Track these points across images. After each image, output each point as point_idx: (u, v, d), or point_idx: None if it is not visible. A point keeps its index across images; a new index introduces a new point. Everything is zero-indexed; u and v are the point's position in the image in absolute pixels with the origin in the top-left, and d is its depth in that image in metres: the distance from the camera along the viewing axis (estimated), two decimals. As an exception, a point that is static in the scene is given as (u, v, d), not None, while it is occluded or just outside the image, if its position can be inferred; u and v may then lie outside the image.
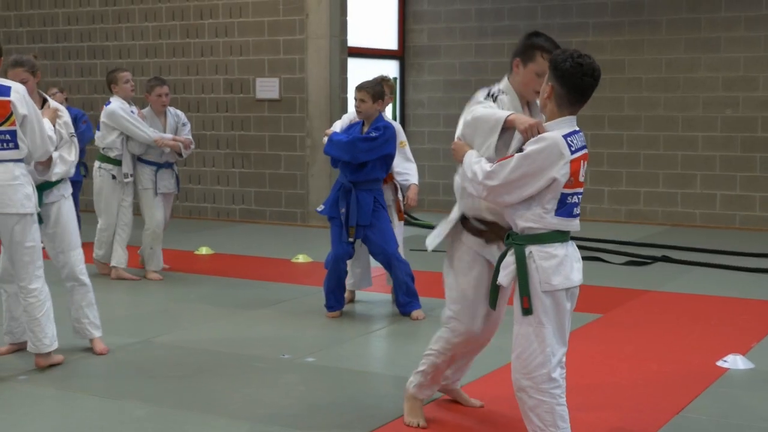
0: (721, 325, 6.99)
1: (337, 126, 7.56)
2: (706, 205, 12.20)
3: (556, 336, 4.07)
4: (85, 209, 10.72)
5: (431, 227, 12.21)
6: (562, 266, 4.04)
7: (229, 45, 12.83)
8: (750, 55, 12.05)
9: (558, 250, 4.04)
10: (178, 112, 8.88)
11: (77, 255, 6.12)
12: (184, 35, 13.11)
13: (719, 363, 5.95)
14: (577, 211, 4.11)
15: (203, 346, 6.50)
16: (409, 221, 12.69)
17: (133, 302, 7.96)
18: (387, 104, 7.37)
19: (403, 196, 7.72)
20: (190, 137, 8.82)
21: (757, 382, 5.68)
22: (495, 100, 4.50)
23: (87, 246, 7.51)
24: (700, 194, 12.18)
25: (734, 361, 5.97)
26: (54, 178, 5.99)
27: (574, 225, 4.10)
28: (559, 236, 4.06)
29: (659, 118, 12.45)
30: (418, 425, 4.83)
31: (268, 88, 12.61)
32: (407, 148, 7.77)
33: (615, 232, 11.45)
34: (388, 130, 7.01)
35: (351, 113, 7.70)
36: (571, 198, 4.05)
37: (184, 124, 8.81)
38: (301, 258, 9.77)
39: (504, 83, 4.61)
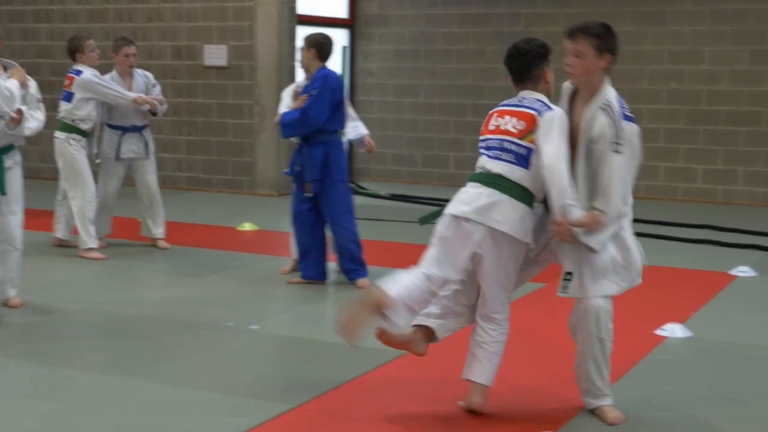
0: (662, 295, 7.11)
1: (284, 100, 7.51)
2: (650, 177, 12.33)
3: (436, 258, 4.48)
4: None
5: (379, 196, 12.27)
6: (458, 197, 4.52)
7: (177, 11, 12.71)
8: (696, 28, 12.18)
9: (468, 187, 4.54)
10: (147, 72, 8.72)
11: (17, 220, 6.17)
12: (131, 0, 12.95)
13: (658, 331, 6.07)
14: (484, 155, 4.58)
15: (147, 313, 6.49)
16: (357, 191, 12.71)
17: (76, 269, 7.89)
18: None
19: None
20: (162, 97, 8.67)
21: (694, 350, 5.80)
22: None
23: (42, 215, 7.47)
24: (644, 166, 12.27)
25: (672, 330, 6.09)
26: (26, 133, 6.14)
27: (480, 166, 4.55)
28: (474, 176, 4.58)
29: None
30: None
31: (216, 55, 12.52)
32: (352, 109, 7.78)
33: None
34: (327, 78, 7.01)
35: (297, 83, 7.71)
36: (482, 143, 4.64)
37: (154, 85, 8.63)
38: (248, 226, 9.75)
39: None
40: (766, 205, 11.89)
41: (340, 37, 13.95)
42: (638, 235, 9.40)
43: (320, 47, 7.10)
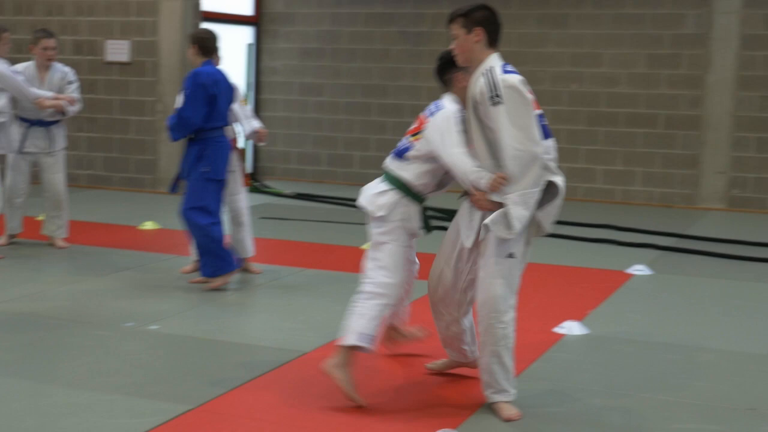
0: (561, 293, 7.24)
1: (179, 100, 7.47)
2: (552, 176, 12.55)
3: None
4: None
5: (281, 195, 12.23)
6: None
7: (78, 5, 12.48)
8: (596, 32, 12.42)
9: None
10: (66, 68, 8.51)
11: None
12: (29, -7, 12.68)
13: (556, 329, 6.17)
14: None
15: (43, 313, 6.35)
16: (260, 189, 12.66)
17: (-29, 269, 7.70)
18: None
19: (249, 162, 7.73)
20: (76, 95, 8.43)
21: (590, 347, 5.92)
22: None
23: None
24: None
25: (570, 327, 6.21)
26: None
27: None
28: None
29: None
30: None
31: (118, 50, 12.33)
32: (248, 107, 7.72)
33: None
34: (197, 75, 6.90)
35: None
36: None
37: (70, 82, 8.41)
38: (149, 225, 9.63)
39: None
40: (662, 205, 12.19)
41: (245, 35, 13.89)
42: (539, 234, 9.56)
43: (201, 42, 7.04)
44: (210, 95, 6.89)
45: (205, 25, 12.44)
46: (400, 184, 4.89)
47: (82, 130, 12.58)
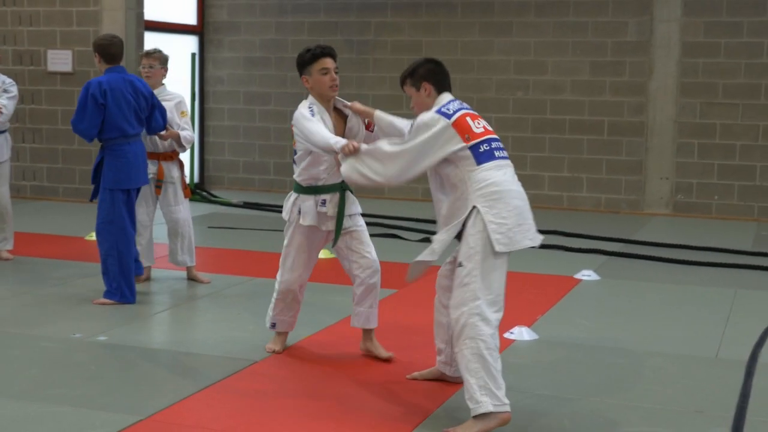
0: (510, 299, 7.20)
1: None
2: (499, 184, 12.62)
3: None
4: None
5: (230, 204, 12.17)
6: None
7: (18, 14, 12.32)
8: (539, 39, 12.54)
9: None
10: (5, 78, 8.32)
11: None
12: (-30, 3, 12.50)
13: (506, 335, 6.20)
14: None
15: (-12, 326, 6.26)
16: (209, 198, 12.59)
17: None
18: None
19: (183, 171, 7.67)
20: (7, 103, 8.20)
21: (540, 351, 5.96)
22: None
23: None
24: (492, 173, 12.54)
25: (520, 333, 6.25)
26: None
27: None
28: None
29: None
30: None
31: (60, 60, 12.19)
32: (186, 119, 7.57)
33: (412, 210, 11.71)
34: (88, 86, 6.81)
35: None
36: None
37: (5, 91, 8.24)
38: (92, 236, 9.51)
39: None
40: (608, 211, 12.32)
41: (188, 44, 13.80)
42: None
43: (102, 50, 6.95)
44: (99, 105, 6.75)
45: (148, 35, 12.36)
46: (295, 186, 5.57)
47: (25, 141, 12.42)
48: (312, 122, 5.29)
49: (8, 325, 6.29)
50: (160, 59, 7.48)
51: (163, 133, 7.26)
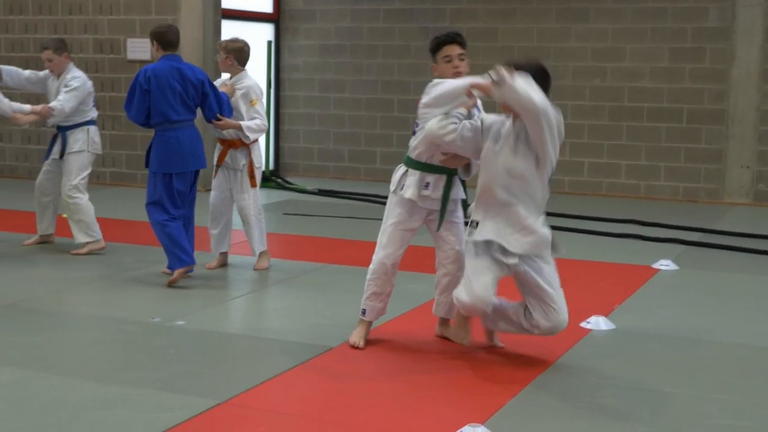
0: (586, 289, 7.20)
1: None
2: (574, 172, 12.50)
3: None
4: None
5: (304, 191, 12.23)
6: None
7: (99, 4, 12.51)
8: (617, 26, 12.36)
9: None
10: (76, 72, 8.30)
11: None
12: (51, -8, 12.73)
13: (583, 324, 6.14)
14: None
15: (70, 310, 6.38)
16: (284, 185, 12.67)
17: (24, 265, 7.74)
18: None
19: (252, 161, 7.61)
20: (63, 97, 8.19)
21: (616, 342, 5.89)
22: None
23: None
24: (568, 162, 12.46)
25: (597, 323, 6.18)
26: None
27: None
28: None
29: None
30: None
31: (139, 48, 12.35)
32: (256, 107, 7.49)
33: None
34: (137, 74, 7.08)
35: (221, 80, 7.71)
36: None
37: (65, 86, 8.16)
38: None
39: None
40: (686, 200, 12.12)
41: (264, 32, 13.89)
42: (563, 229, 9.56)
43: (159, 37, 7.14)
44: (144, 91, 6.99)
45: (225, 23, 12.47)
46: (405, 158, 5.57)
47: (105, 128, 12.61)
48: (441, 84, 5.23)
49: (91, 309, 6.41)
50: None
51: (215, 121, 7.32)
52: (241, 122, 7.40)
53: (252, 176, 7.60)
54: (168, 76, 7.02)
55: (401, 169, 5.56)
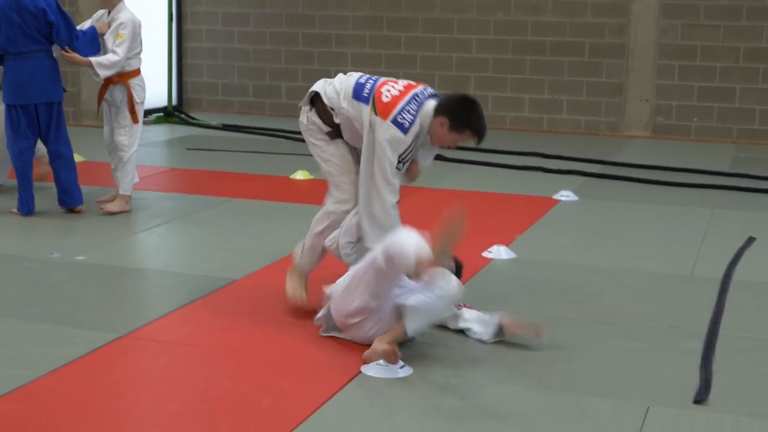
0: (489, 219, 7.30)
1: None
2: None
3: None
4: None
5: (208, 126, 12.10)
6: None
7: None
8: (521, -40, 12.39)
9: None
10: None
11: None
12: None
13: (484, 254, 6.24)
14: None
15: (-33, 246, 6.26)
16: (187, 121, 12.51)
17: None
18: None
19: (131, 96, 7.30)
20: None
21: (517, 270, 6.01)
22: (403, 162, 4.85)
23: None
24: (473, 95, 12.49)
25: (498, 252, 6.29)
26: None
27: None
28: None
29: (436, 21, 12.67)
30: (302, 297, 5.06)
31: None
32: (121, 40, 7.12)
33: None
34: None
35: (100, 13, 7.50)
36: None
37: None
38: (77, 157, 9.44)
39: (425, 122, 4.85)
40: (588, 133, 12.31)
41: (166, -37, 13.56)
42: (468, 162, 9.64)
43: None
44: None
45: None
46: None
47: None
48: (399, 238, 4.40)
49: (-14, 245, 6.30)
50: None
51: (64, 53, 7.07)
52: (92, 58, 7.08)
53: (132, 111, 7.27)
54: (4, 6, 6.87)
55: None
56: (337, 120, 4.92)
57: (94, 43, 7.16)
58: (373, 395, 4.03)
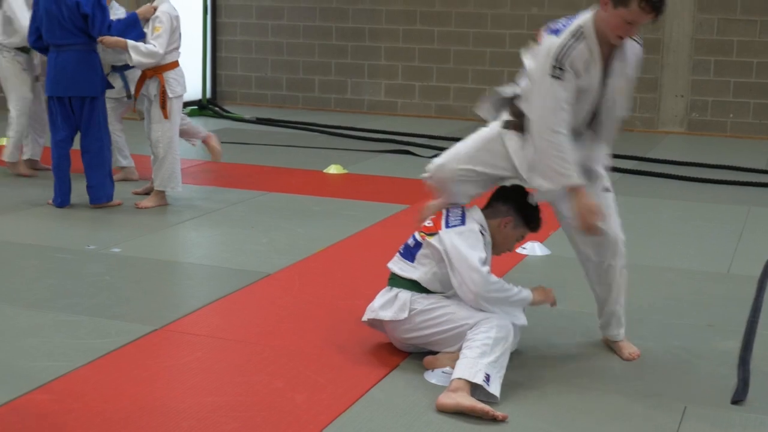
0: (522, 215, 7.25)
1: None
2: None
3: None
4: None
5: (242, 120, 12.13)
6: None
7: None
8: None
9: None
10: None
11: None
12: None
13: (519, 250, 6.21)
14: None
15: (3, 238, 6.30)
16: (221, 114, 12.55)
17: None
18: None
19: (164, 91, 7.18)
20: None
21: (552, 267, 5.98)
22: (562, 68, 4.14)
23: None
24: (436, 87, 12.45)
25: (532, 248, 6.26)
26: None
27: None
28: None
29: (469, 15, 12.63)
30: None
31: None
32: (158, 33, 7.06)
33: (425, 126, 11.65)
34: None
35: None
36: None
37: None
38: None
39: (587, 22, 4.16)
40: (623, 129, 12.20)
41: (201, -43, 13.61)
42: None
43: None
44: (34, 13, 7.11)
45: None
46: (409, 285, 4.28)
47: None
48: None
49: (25, 238, 6.34)
50: None
51: (101, 42, 7.07)
52: (129, 41, 7.00)
53: (163, 107, 7.15)
54: None
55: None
56: None
57: (134, 27, 7.10)
58: (408, 391, 4.02)
